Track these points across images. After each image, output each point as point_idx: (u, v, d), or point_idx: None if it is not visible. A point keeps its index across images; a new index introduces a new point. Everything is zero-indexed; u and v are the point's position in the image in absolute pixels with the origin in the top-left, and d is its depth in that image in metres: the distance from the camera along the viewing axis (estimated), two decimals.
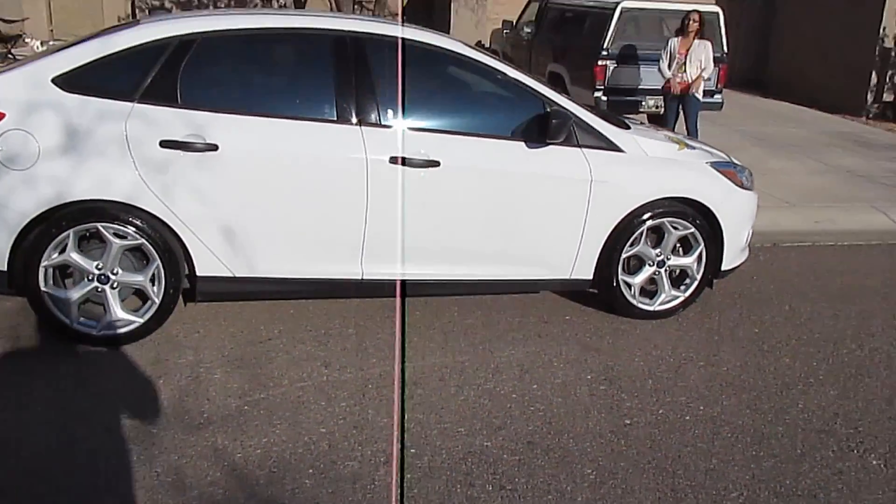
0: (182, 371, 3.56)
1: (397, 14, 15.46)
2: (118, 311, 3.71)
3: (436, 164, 3.84)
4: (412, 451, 3.04)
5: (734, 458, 3.13)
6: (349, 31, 3.90)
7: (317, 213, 3.79)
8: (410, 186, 3.84)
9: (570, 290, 4.50)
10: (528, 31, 11.76)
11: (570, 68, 10.04)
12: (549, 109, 4.04)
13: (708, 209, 4.35)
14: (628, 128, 4.44)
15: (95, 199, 3.54)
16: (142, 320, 3.74)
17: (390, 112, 3.84)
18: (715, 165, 4.48)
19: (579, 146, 4.09)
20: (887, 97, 12.72)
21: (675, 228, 4.34)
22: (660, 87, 8.58)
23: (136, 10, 15.26)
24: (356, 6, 14.55)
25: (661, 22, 10.18)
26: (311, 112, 3.80)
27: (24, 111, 3.49)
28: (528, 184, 4.02)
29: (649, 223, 4.26)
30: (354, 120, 3.78)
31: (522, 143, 4.01)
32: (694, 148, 4.63)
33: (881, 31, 12.62)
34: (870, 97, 12.88)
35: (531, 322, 4.32)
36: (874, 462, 3.17)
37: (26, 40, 11.91)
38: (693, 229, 4.36)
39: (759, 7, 14.74)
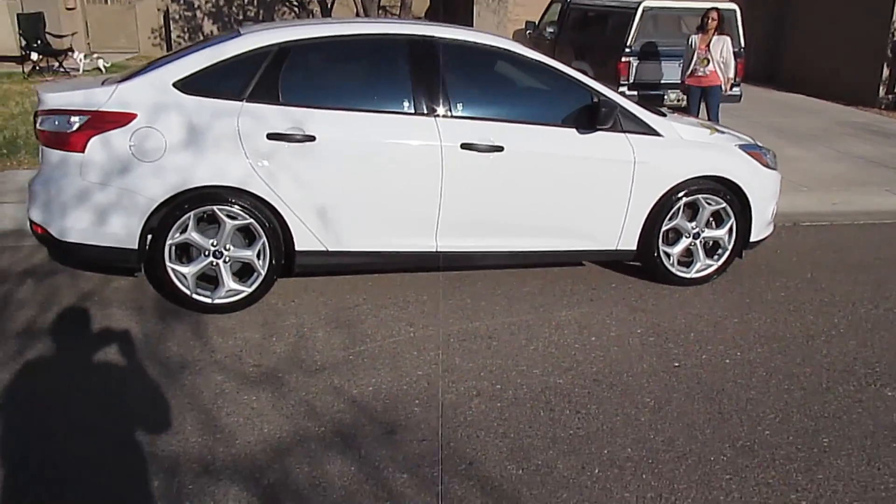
0: (289, 331, 4.15)
1: (420, 17, 16.06)
2: (230, 282, 4.30)
3: (500, 149, 4.41)
4: (497, 386, 3.62)
5: (769, 391, 3.68)
6: (422, 36, 4.48)
7: (398, 194, 4.37)
8: (478, 169, 4.42)
9: (615, 260, 5.05)
10: (551, 30, 12.32)
11: (594, 65, 10.57)
12: (596, 100, 4.60)
13: (738, 186, 4.89)
14: (665, 115, 5.00)
15: (213, 185, 4.14)
16: (249, 290, 4.33)
17: (460, 104, 4.42)
18: (743, 147, 5.03)
19: (623, 132, 4.65)
20: None
21: (709, 204, 4.89)
22: (675, 81, 9.14)
23: (171, 22, 15.92)
24: (380, 10, 15.16)
25: (680, 20, 10.73)
26: (392, 106, 4.38)
27: (152, 112, 4.09)
28: (579, 165, 4.59)
29: (686, 199, 4.81)
30: (430, 112, 4.36)
31: (574, 130, 4.58)
32: (723, 132, 5.18)
33: (892, 24, 13.07)
34: (882, 89, 13.32)
35: (582, 289, 4.88)
36: (889, 393, 3.71)
37: (72, 54, 12.58)
38: (724, 204, 4.90)
39: (771, 3, 15.22)
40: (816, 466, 3.07)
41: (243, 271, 4.39)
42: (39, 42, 12.25)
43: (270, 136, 4.15)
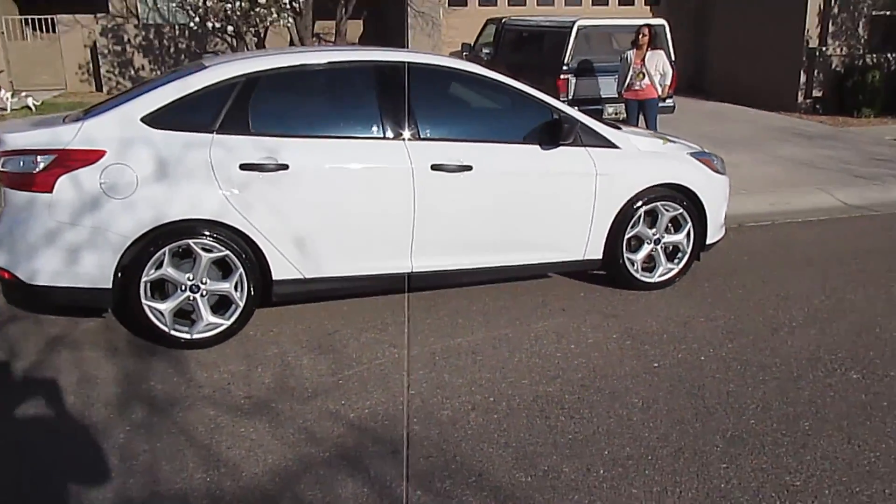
0: (273, 361, 4.14)
1: (354, 42, 16.16)
2: (208, 316, 4.27)
3: (469, 168, 4.52)
4: (490, 399, 3.69)
5: (746, 383, 3.86)
6: (387, 61, 4.58)
7: (372, 217, 4.43)
8: (449, 189, 4.51)
9: (582, 270, 5.19)
10: (487, 51, 12.58)
11: (533, 84, 10.81)
12: (556, 116, 4.76)
13: (693, 192, 5.13)
14: (620, 129, 5.20)
15: (187, 218, 4.11)
16: (228, 322, 4.30)
17: (428, 127, 4.52)
18: (694, 155, 5.28)
19: (584, 146, 4.82)
20: (816, 93, 13.90)
21: (667, 210, 5.10)
22: (616, 96, 9.49)
23: (100, 57, 15.58)
24: (314, 38, 15.19)
25: (611, 37, 11.13)
26: (362, 131, 4.44)
27: (121, 147, 4.05)
28: (544, 180, 4.73)
29: (645, 207, 5.01)
30: (399, 136, 4.44)
31: (538, 146, 4.73)
32: (675, 142, 5.42)
33: (805, 33, 13.83)
34: (800, 94, 14.05)
35: (553, 300, 5.02)
36: (854, 376, 3.94)
37: (0, 93, 12.19)
38: (682, 210, 5.12)
39: (694, 18, 15.91)
40: (803, 449, 3.24)
41: (220, 304, 4.35)
42: None
43: (243, 167, 4.16)
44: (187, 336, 4.24)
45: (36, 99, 12.88)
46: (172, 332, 4.22)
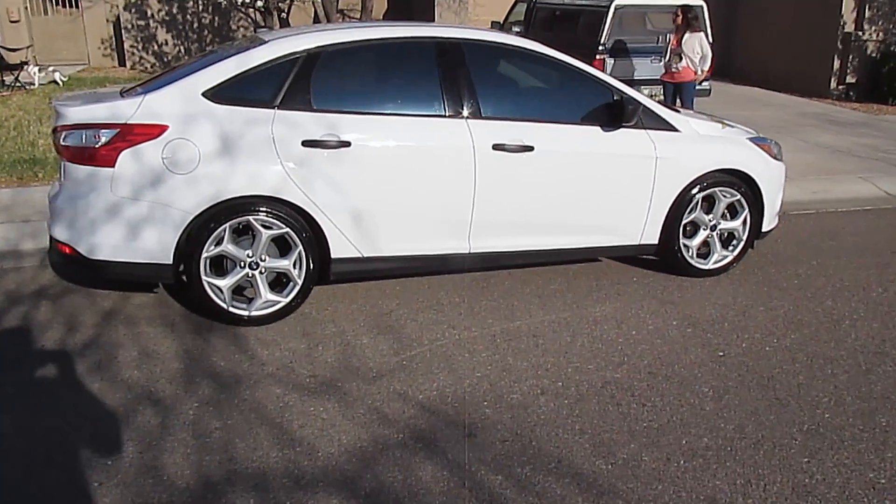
0: (333, 339, 4.10)
1: (379, 19, 16.01)
2: (267, 294, 4.23)
3: (530, 148, 4.44)
4: (558, 384, 3.65)
5: (815, 375, 3.80)
6: (449, 38, 4.49)
7: (432, 196, 4.37)
8: (510, 169, 4.44)
9: (637, 255, 5.12)
10: (517, 30, 12.41)
11: None
12: (617, 97, 4.67)
13: (751, 178, 5.03)
14: (678, 111, 5.11)
15: (248, 194, 4.06)
16: (286, 300, 4.27)
17: (489, 105, 4.44)
18: (753, 140, 5.18)
19: (644, 128, 4.73)
20: (850, 79, 13.69)
21: (725, 196, 5.01)
22: (652, 77, 9.39)
23: (123, 32, 15.49)
24: (339, 13, 15.05)
25: (645, 17, 10.98)
26: (423, 109, 4.36)
27: (183, 122, 4.00)
28: (605, 162, 4.65)
29: (703, 192, 4.92)
30: (460, 114, 4.36)
31: (598, 128, 4.64)
32: (733, 126, 5.32)
33: (840, 17, 13.59)
34: (833, 80, 13.84)
35: (606, 285, 4.95)
36: None
37: (27, 68, 12.14)
38: (739, 196, 5.04)
39: None
40: (883, 446, 3.18)
41: (276, 281, 4.31)
42: None
43: (305, 143, 4.10)
44: (245, 313, 4.20)
45: (63, 74, 12.81)
46: (231, 309, 4.19)
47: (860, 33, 13.56)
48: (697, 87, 9.65)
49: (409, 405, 3.43)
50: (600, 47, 9.95)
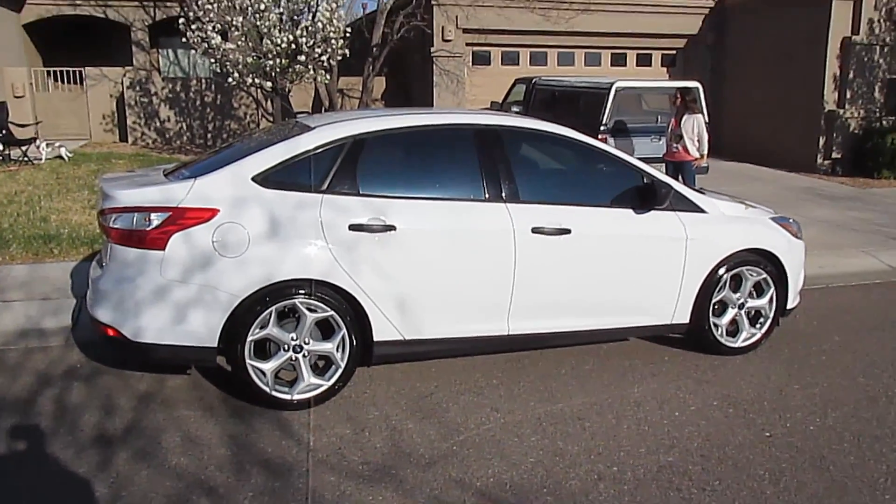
0: (378, 424, 4.07)
1: (377, 98, 16.38)
2: (310, 377, 4.21)
3: (567, 231, 4.54)
4: (614, 469, 3.63)
5: (865, 455, 3.81)
6: (488, 124, 4.63)
7: (473, 279, 4.42)
8: (548, 252, 4.52)
9: (668, 334, 5.17)
10: (516, 110, 12.75)
11: None
12: (647, 181, 4.80)
13: (776, 257, 5.15)
14: (703, 193, 5.25)
15: (296, 278, 4.08)
16: (328, 383, 4.25)
17: (527, 189, 4.54)
18: (775, 220, 5.32)
19: (674, 209, 4.85)
20: (836, 154, 14.14)
21: (752, 275, 5.11)
22: (654, 156, 9.65)
23: (126, 109, 15.69)
24: (339, 93, 15.41)
25: (640, 98, 11.37)
26: (465, 193, 4.46)
27: (234, 206, 4.05)
28: (638, 244, 4.75)
29: (731, 272, 5.02)
30: (500, 198, 4.46)
31: (631, 210, 4.76)
32: (755, 206, 5.47)
33: (823, 98, 14.12)
34: (819, 156, 14.28)
35: (639, 364, 4.98)
36: None
37: (36, 143, 12.23)
38: (765, 275, 5.14)
39: (708, 77, 16.24)
40: None
41: (317, 364, 4.30)
42: (3, 132, 11.87)
43: (352, 227, 4.16)
44: (288, 397, 4.18)
45: (69, 150, 12.91)
46: (274, 393, 4.16)
47: (842, 111, 14.07)
48: (699, 166, 9.93)
49: (469, 493, 3.39)
50: (602, 127, 10.24)
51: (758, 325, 5.24)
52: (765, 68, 15.46)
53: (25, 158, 11.86)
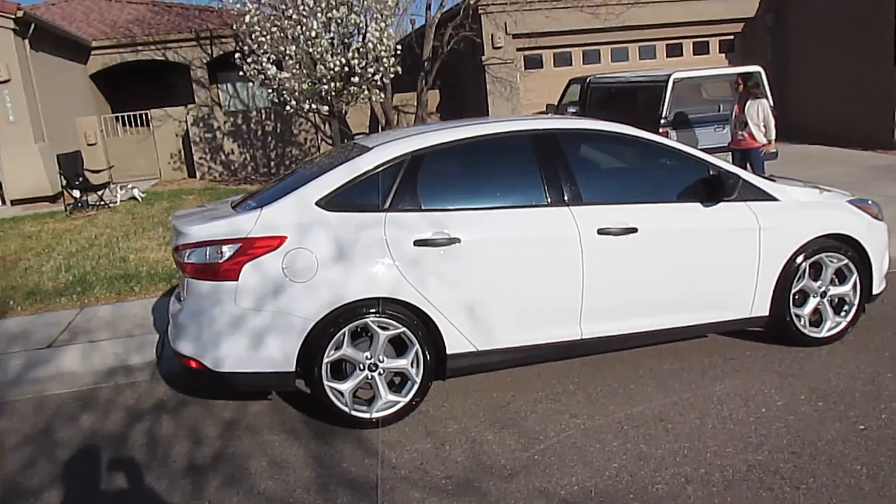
0: (458, 437, 4.07)
1: (432, 112, 16.50)
2: (387, 395, 4.25)
3: (634, 230, 4.46)
4: (701, 471, 3.54)
5: None
6: (544, 129, 4.61)
7: (542, 285, 4.39)
8: (615, 252, 4.45)
9: (747, 328, 5.02)
10: (573, 110, 12.66)
11: None
12: (713, 172, 4.69)
13: (857, 242, 4.94)
14: (775, 180, 5.09)
15: (366, 297, 4.13)
16: (405, 400, 4.28)
17: (590, 190, 4.50)
18: (853, 202, 5.11)
19: (743, 200, 4.72)
20: None
21: (832, 261, 4.92)
22: (718, 146, 9.44)
23: (192, 146, 16.23)
24: (395, 110, 15.59)
25: (700, 87, 11.13)
26: (527, 200, 4.44)
27: (300, 232, 4.14)
28: (709, 238, 4.64)
29: (810, 259, 4.84)
30: (563, 202, 4.42)
31: (699, 204, 4.65)
32: (830, 190, 5.27)
33: (894, 68, 13.52)
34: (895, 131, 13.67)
35: (719, 361, 4.85)
36: None
37: (111, 187, 12.76)
38: (846, 261, 4.94)
39: (770, 60, 15.78)
40: None
41: (393, 381, 4.34)
42: (80, 179, 12.44)
43: (417, 243, 4.19)
44: (367, 416, 4.22)
45: (141, 191, 13.43)
46: (353, 412, 4.21)
47: None
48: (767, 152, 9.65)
49: (554, 502, 3.35)
50: (662, 120, 10.06)
51: (842, 313, 5.04)
52: (830, 45, 14.94)
53: (102, 202, 12.39)
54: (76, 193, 12.26)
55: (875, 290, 5.10)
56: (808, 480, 3.38)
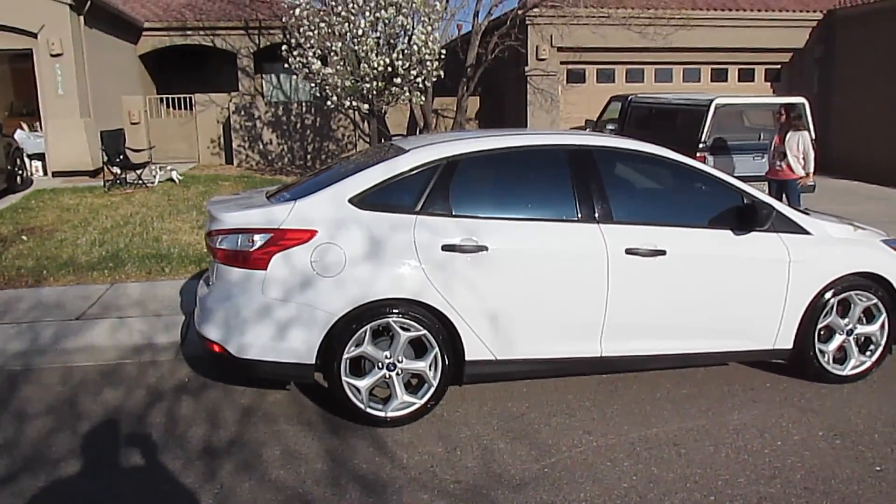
0: (470, 443, 4.10)
1: (471, 118, 16.54)
2: (403, 395, 4.29)
3: (662, 252, 4.46)
4: (711, 498, 3.53)
5: None
6: (580, 145, 4.62)
7: (566, 300, 4.40)
8: (642, 273, 4.45)
9: (770, 359, 4.98)
10: (612, 128, 12.62)
11: None
12: (747, 201, 4.67)
13: (888, 282, 4.88)
14: (808, 213, 5.05)
15: (390, 297, 4.18)
16: (421, 402, 4.31)
17: (621, 210, 4.50)
18: (887, 242, 5.05)
19: (776, 231, 4.69)
20: None
21: (861, 300, 4.87)
22: (755, 174, 9.35)
23: (232, 133, 16.45)
24: (434, 114, 15.66)
25: (742, 114, 11.03)
26: (557, 214, 4.46)
27: (332, 227, 4.20)
28: (738, 266, 4.62)
29: (839, 296, 4.80)
30: (593, 219, 4.44)
31: (730, 232, 4.63)
32: (864, 228, 5.21)
33: None
34: None
35: (739, 390, 4.82)
36: None
37: (151, 167, 12.99)
38: (876, 300, 4.88)
39: (815, 91, 15.60)
40: None
41: (409, 383, 4.38)
42: (121, 157, 12.68)
43: (445, 248, 4.23)
44: (382, 414, 4.26)
45: (179, 173, 13.65)
46: (368, 410, 4.25)
47: None
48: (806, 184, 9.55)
49: None
50: (701, 144, 10.00)
51: (868, 353, 4.99)
52: (877, 81, 14.74)
53: (140, 181, 12.61)
54: (116, 170, 12.50)
55: None
56: None
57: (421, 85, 12.36)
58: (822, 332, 4.89)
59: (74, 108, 13.82)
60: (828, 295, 4.77)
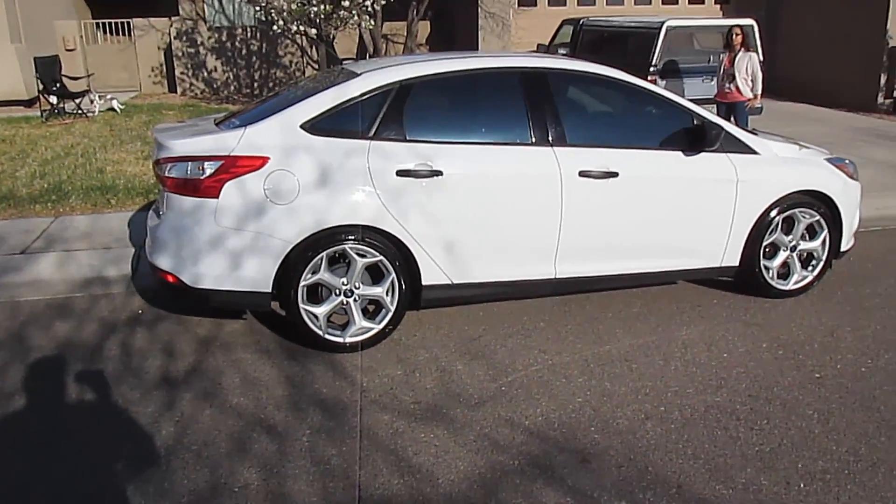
0: (428, 366, 4.17)
1: (422, 43, 16.21)
2: (360, 321, 4.32)
3: (615, 174, 4.51)
4: (661, 408, 3.68)
5: None
6: (534, 67, 4.58)
7: (520, 223, 4.44)
8: (595, 195, 4.50)
9: (717, 276, 5.13)
10: (563, 52, 12.52)
11: None
12: (697, 122, 4.72)
13: (830, 199, 5.04)
14: (756, 133, 5.14)
15: (345, 224, 4.16)
16: (379, 327, 4.35)
17: (574, 132, 4.51)
18: (830, 161, 5.19)
19: (725, 152, 4.77)
20: None
21: (804, 217, 5.02)
22: (705, 97, 9.41)
23: (174, 60, 15.84)
24: (384, 39, 15.29)
25: (692, 37, 11.04)
26: (511, 137, 4.45)
27: (284, 154, 4.12)
28: (687, 186, 4.70)
29: (783, 214, 4.94)
30: (547, 141, 4.44)
31: (680, 153, 4.69)
32: (809, 147, 5.33)
33: (886, 31, 13.50)
34: (880, 95, 13.73)
35: (687, 307, 4.98)
36: None
37: (89, 96, 12.48)
38: (818, 217, 5.04)
39: (763, 14, 15.64)
40: None
41: (367, 309, 4.41)
42: (58, 85, 12.13)
43: (399, 173, 4.20)
44: (340, 340, 4.30)
45: (120, 102, 13.16)
46: (327, 336, 4.28)
47: None
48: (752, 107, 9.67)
49: (518, 431, 3.48)
50: (651, 68, 10.01)
51: (810, 268, 5.17)
52: (824, 3, 14.82)
53: (79, 111, 12.13)
54: (53, 99, 11.97)
55: (843, 248, 5.23)
56: (762, 422, 3.54)
57: (370, 9, 12.02)
58: (767, 249, 5.04)
59: (4, 33, 13.09)
60: (773, 213, 4.91)
